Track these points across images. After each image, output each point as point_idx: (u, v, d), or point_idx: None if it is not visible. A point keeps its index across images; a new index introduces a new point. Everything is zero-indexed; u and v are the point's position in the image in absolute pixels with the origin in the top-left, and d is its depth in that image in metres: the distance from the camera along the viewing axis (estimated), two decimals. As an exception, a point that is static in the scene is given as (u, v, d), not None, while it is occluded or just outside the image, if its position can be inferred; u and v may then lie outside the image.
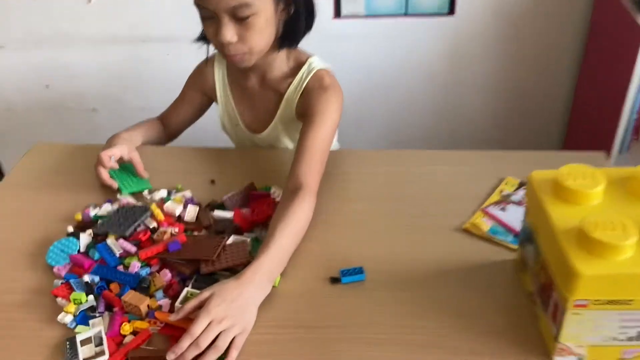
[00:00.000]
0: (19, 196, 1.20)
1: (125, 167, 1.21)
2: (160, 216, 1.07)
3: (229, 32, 1.07)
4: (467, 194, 1.14)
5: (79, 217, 1.11)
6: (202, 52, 1.27)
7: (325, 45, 1.20)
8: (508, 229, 1.04)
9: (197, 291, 0.90)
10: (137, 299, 0.90)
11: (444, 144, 2.25)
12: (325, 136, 1.13)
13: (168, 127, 1.38)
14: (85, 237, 1.04)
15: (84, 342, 0.85)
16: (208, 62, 1.32)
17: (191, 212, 1.09)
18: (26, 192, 1.21)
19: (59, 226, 1.10)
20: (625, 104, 1.58)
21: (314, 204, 1.05)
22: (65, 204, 1.16)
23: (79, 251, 1.02)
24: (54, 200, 1.18)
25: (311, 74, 1.20)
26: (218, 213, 1.09)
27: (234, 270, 0.94)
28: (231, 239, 1.01)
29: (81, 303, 0.91)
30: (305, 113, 1.18)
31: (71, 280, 0.95)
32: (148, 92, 2.16)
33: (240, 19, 1.06)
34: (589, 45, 1.97)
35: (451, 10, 1.94)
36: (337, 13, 1.97)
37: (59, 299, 0.93)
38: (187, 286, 0.92)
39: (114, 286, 0.94)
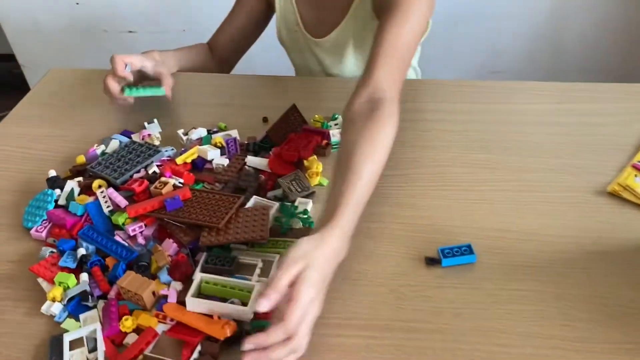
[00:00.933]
0: (23, 133, 0.98)
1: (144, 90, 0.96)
2: (186, 160, 0.85)
3: None
4: (608, 143, 0.86)
5: (81, 159, 0.88)
6: None
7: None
8: (676, 194, 0.74)
9: (214, 278, 0.66)
10: (138, 283, 0.66)
11: (542, 76, 1.93)
12: (410, 32, 0.88)
13: (218, 49, 1.19)
14: (70, 185, 0.81)
15: (74, 345, 0.63)
16: None
17: (222, 160, 0.86)
18: (30, 128, 0.99)
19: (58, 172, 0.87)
20: None
21: (397, 119, 0.78)
22: (73, 144, 0.93)
23: (56, 204, 0.80)
24: (60, 138, 0.95)
25: None
26: (252, 160, 0.84)
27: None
28: (251, 202, 0.77)
29: (68, 287, 0.68)
30: (383, 4, 0.93)
31: (62, 250, 0.72)
32: (192, 11, 1.93)
33: None
34: None
35: None
36: None
37: (40, 280, 0.70)
38: (198, 267, 0.68)
39: (111, 260, 0.71)
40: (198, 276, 0.67)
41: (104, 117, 0.99)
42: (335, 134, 0.88)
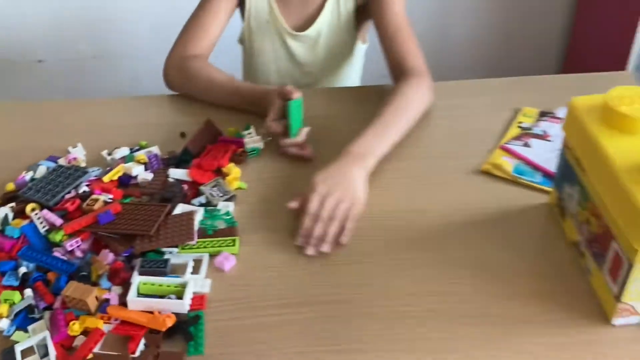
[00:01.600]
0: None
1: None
2: (112, 178, 0.90)
3: None
4: (479, 129, 0.99)
5: (10, 187, 0.92)
6: None
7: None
8: (535, 168, 0.89)
9: (149, 278, 0.74)
10: (81, 291, 0.72)
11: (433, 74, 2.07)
12: (402, 9, 1.05)
13: (207, 52, 1.12)
14: (3, 211, 0.85)
15: (26, 353, 0.68)
16: None
17: (146, 174, 0.92)
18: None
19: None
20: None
21: (429, 83, 1.00)
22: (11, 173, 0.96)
23: None
24: (4, 167, 0.98)
25: None
26: (174, 172, 0.91)
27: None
28: (178, 209, 0.85)
29: (14, 303, 0.73)
30: None
31: (3, 271, 0.77)
32: (102, 37, 1.92)
33: None
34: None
35: None
36: None
37: None
38: (135, 271, 0.75)
39: (52, 274, 0.77)
40: (136, 279, 0.74)
41: (26, 146, 1.02)
42: (249, 142, 0.96)
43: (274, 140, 0.95)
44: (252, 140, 0.96)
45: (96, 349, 0.68)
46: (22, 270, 0.77)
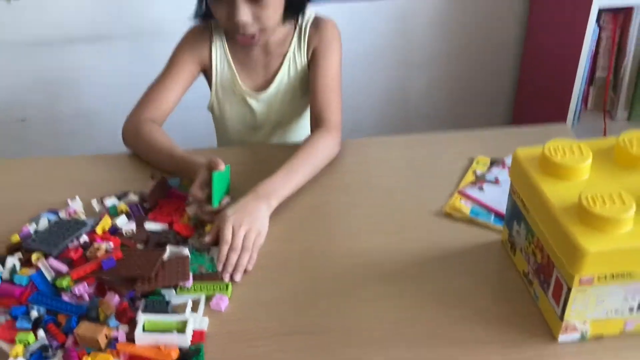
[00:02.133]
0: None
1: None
2: (105, 228, 0.99)
3: (245, 14, 1.07)
4: (440, 176, 1.11)
5: (16, 238, 0.99)
6: (134, 49, 1.19)
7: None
8: (489, 210, 1.01)
9: (153, 316, 0.82)
10: (92, 330, 0.79)
11: (395, 126, 2.24)
12: (336, 69, 1.20)
13: (161, 118, 1.21)
14: (11, 261, 0.93)
15: None
16: (202, 29, 1.24)
17: (129, 224, 1.00)
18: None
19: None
20: (577, 76, 1.61)
21: (337, 139, 1.13)
22: (3, 227, 1.03)
23: (1, 278, 0.91)
24: (8, 220, 1.05)
25: (309, 21, 1.23)
26: (149, 226, 1.00)
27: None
28: (167, 251, 0.93)
29: (29, 344, 0.80)
30: (314, 52, 1.22)
31: (16, 316, 0.84)
32: (81, 96, 2.02)
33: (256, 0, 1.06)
34: (532, 14, 1.99)
35: (396, -8, 1.91)
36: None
37: (1, 343, 0.82)
38: (139, 310, 0.84)
39: (62, 316, 0.84)
40: (141, 317, 0.82)
41: (26, 200, 1.09)
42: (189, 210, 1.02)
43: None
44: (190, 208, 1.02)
45: None
46: (34, 314, 0.84)
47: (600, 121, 1.80)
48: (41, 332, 0.82)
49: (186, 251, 0.94)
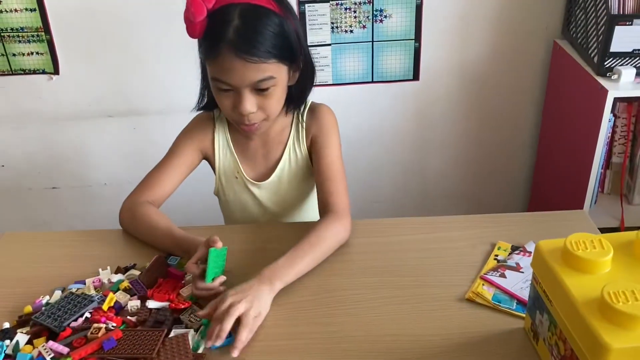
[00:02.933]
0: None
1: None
2: (110, 303, 1.01)
3: (250, 104, 1.11)
4: (461, 260, 1.13)
5: (28, 309, 1.03)
6: (167, 125, 1.25)
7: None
8: (511, 296, 1.03)
9: None
10: None
11: (414, 205, 2.28)
12: (337, 155, 1.24)
13: (158, 201, 1.25)
14: (17, 337, 0.95)
15: None
16: (205, 118, 1.30)
17: (135, 301, 1.03)
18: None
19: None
20: (594, 161, 1.65)
21: (347, 224, 1.15)
22: (28, 297, 1.07)
23: (6, 356, 0.93)
24: (24, 293, 1.09)
25: (306, 109, 1.28)
26: (152, 304, 1.02)
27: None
28: (173, 332, 0.95)
29: None
30: (314, 139, 1.26)
31: None
32: (112, 167, 2.11)
33: (261, 90, 1.10)
34: (547, 105, 2.06)
35: (415, 76, 2.00)
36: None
37: None
38: None
39: None
40: None
41: (55, 272, 1.14)
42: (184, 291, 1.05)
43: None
44: (185, 289, 1.06)
45: None
46: None
47: (617, 205, 1.82)
48: None
49: (187, 331, 0.95)
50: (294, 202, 1.36)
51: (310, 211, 1.40)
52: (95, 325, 0.95)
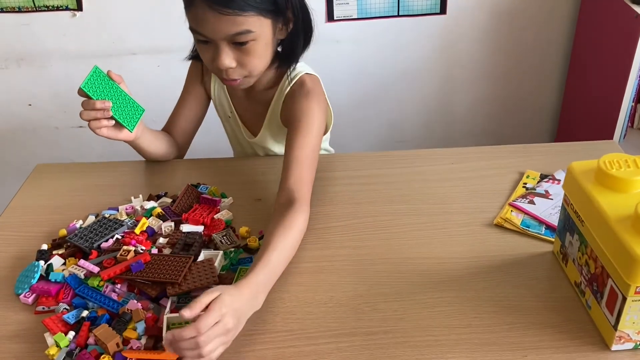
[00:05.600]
0: (26, 219, 1.15)
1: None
2: (142, 229, 1.04)
3: (228, 59, 1.04)
4: (489, 189, 1.14)
5: (63, 232, 1.07)
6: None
7: (319, 48, 1.19)
8: (540, 221, 1.04)
9: (176, 318, 0.82)
10: (107, 335, 0.83)
11: (439, 141, 2.27)
12: (311, 144, 1.09)
13: (177, 135, 1.30)
14: (55, 259, 1.00)
15: None
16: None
17: (169, 223, 1.06)
18: (32, 216, 1.15)
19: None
20: (625, 94, 1.61)
21: (307, 215, 1.00)
22: (63, 222, 1.11)
23: (41, 276, 0.97)
24: (59, 219, 1.13)
25: (293, 81, 1.17)
26: (186, 228, 1.04)
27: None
28: (202, 255, 0.97)
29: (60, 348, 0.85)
30: (288, 120, 1.15)
31: (65, 314, 0.89)
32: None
33: (239, 44, 1.03)
34: (577, 37, 2.01)
35: (443, 10, 1.95)
36: (330, 16, 1.96)
37: (46, 335, 0.87)
38: (167, 310, 0.88)
39: (102, 311, 0.90)
40: (167, 318, 0.83)
41: (89, 200, 1.17)
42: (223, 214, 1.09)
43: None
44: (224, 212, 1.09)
45: None
46: (85, 313, 0.89)
47: (646, 140, 1.80)
48: (71, 334, 0.86)
49: (213, 255, 0.97)
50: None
51: None
52: (125, 247, 0.98)
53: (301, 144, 1.08)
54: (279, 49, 1.15)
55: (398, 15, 1.96)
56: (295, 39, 1.12)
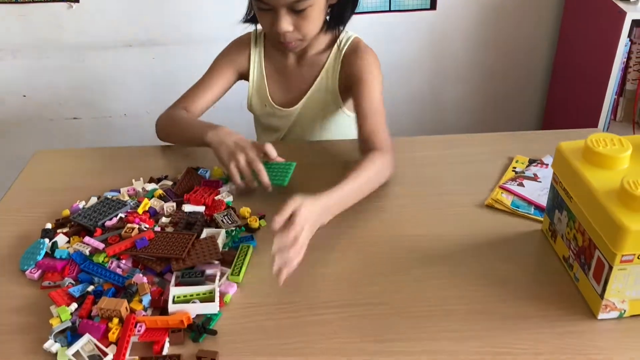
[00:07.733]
0: (28, 201, 1.17)
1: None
2: (145, 209, 1.07)
3: (286, 23, 1.14)
4: (482, 173, 1.18)
5: (66, 212, 1.09)
6: (186, 56, 1.27)
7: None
8: (529, 202, 1.08)
9: (181, 291, 0.88)
10: (114, 303, 0.86)
11: (429, 133, 2.28)
12: (379, 95, 1.22)
13: (194, 113, 1.31)
14: (57, 237, 1.02)
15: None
16: (243, 41, 1.35)
17: (171, 204, 1.09)
18: (34, 198, 1.18)
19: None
20: (608, 88, 1.67)
21: (387, 157, 1.11)
22: (65, 204, 1.13)
23: (47, 253, 0.99)
24: (61, 201, 1.14)
25: (349, 43, 1.29)
26: (188, 208, 1.07)
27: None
28: (204, 233, 1.00)
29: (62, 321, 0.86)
30: (351, 77, 1.25)
31: (71, 287, 0.92)
32: (131, 97, 2.13)
33: (298, 11, 1.13)
34: (562, 32, 2.06)
35: (433, 6, 2.00)
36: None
37: (52, 307, 0.90)
38: (172, 282, 0.91)
39: (107, 285, 0.92)
40: (172, 291, 0.88)
41: (90, 183, 1.19)
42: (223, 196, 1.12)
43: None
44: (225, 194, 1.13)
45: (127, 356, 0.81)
46: (91, 288, 0.91)
47: (628, 132, 1.85)
48: (73, 306, 0.88)
49: (215, 233, 1.00)
50: (320, 133, 1.39)
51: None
52: (129, 225, 1.00)
53: (370, 97, 1.20)
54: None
55: (389, 11, 2.00)
56: (344, 3, 1.22)
